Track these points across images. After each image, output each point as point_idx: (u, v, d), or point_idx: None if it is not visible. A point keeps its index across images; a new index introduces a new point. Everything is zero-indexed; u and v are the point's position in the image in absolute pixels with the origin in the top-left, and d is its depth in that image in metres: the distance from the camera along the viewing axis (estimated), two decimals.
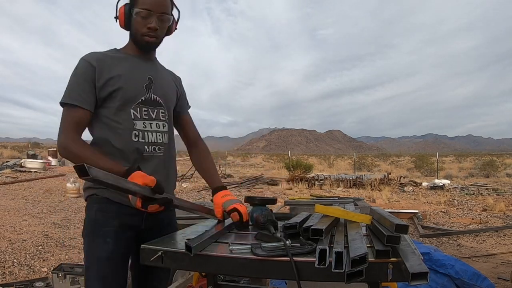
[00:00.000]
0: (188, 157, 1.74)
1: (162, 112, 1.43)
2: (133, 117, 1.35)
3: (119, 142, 1.33)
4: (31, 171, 14.68)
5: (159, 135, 1.40)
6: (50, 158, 19.25)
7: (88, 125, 1.36)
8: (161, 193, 1.23)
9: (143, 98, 1.37)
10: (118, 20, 1.39)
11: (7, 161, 18.42)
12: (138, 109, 1.36)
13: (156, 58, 1.52)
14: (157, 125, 1.40)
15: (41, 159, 18.68)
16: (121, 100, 1.33)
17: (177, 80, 1.60)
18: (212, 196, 1.49)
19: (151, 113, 1.39)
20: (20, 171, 14.65)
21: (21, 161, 16.76)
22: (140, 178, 1.19)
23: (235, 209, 1.36)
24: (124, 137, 1.33)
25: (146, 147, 1.36)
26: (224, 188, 1.49)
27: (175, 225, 1.55)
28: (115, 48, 1.44)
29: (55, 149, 20.44)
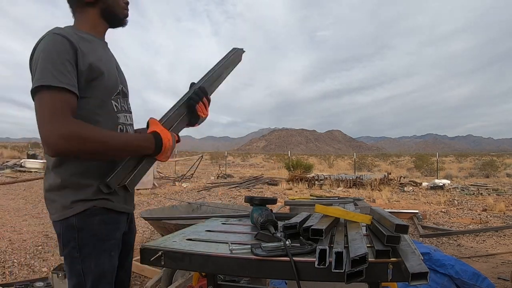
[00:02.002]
0: (188, 157, 1.72)
1: (128, 103, 1.32)
2: (115, 110, 1.21)
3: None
4: (31, 171, 14.69)
5: (132, 128, 1.31)
6: None
7: None
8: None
9: (119, 89, 1.24)
10: None
11: (7, 161, 18.43)
12: (118, 100, 1.23)
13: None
14: (130, 117, 1.31)
15: (41, 159, 18.66)
16: (102, 90, 1.16)
17: None
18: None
19: (124, 105, 1.28)
20: (20, 171, 14.66)
21: (21, 161, 16.77)
22: (161, 128, 1.16)
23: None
24: (107, 127, 1.18)
25: None
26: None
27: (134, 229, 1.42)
28: (74, 27, 1.21)
29: None
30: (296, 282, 0.98)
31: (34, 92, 1.03)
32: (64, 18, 1.26)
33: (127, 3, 1.27)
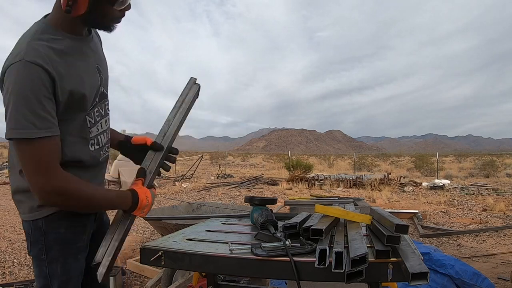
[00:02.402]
0: (188, 157, 1.72)
1: (107, 103, 1.25)
2: (89, 125, 1.16)
3: (80, 156, 1.13)
4: None
5: (107, 133, 1.27)
6: None
7: None
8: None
9: (97, 99, 1.18)
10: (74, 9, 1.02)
11: (7, 161, 18.41)
12: (92, 113, 1.17)
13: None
14: (106, 121, 1.25)
15: None
16: (79, 110, 1.11)
17: (101, 44, 1.31)
18: (128, 142, 1.37)
19: (101, 110, 1.21)
20: None
21: None
22: (141, 189, 1.18)
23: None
24: (83, 150, 1.14)
25: (101, 152, 1.23)
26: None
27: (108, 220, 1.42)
28: (48, 26, 1.06)
29: None
30: (296, 282, 0.98)
31: (11, 139, 0.97)
32: None
33: (123, 16, 1.13)
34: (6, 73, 0.97)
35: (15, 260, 3.92)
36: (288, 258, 1.00)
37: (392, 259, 0.97)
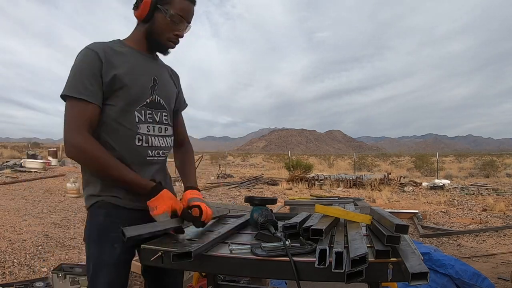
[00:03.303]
0: None
1: (165, 115, 1.38)
2: (137, 120, 1.28)
3: (121, 146, 1.27)
4: (31, 171, 14.68)
5: (163, 139, 1.37)
6: (50, 158, 19.24)
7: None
8: (189, 219, 1.27)
9: (148, 100, 1.31)
10: (137, 10, 1.30)
11: (7, 161, 18.42)
12: (142, 111, 1.30)
13: (157, 55, 1.46)
14: (160, 129, 1.36)
15: (41, 159, 18.67)
16: (125, 100, 1.26)
17: (176, 79, 1.54)
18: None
19: (155, 116, 1.34)
20: (20, 171, 14.64)
21: (21, 161, 16.75)
22: (168, 200, 1.22)
23: (197, 206, 1.29)
24: (127, 141, 1.27)
25: (149, 151, 1.32)
26: (197, 188, 1.44)
27: None
28: (119, 40, 1.36)
29: (55, 149, 20.42)
30: (296, 282, 0.98)
31: (63, 98, 1.22)
32: (65, 18, 1.22)
33: (178, 36, 1.33)
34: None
35: (15, 260, 3.92)
36: (288, 258, 1.00)
37: (392, 259, 0.97)
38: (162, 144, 1.36)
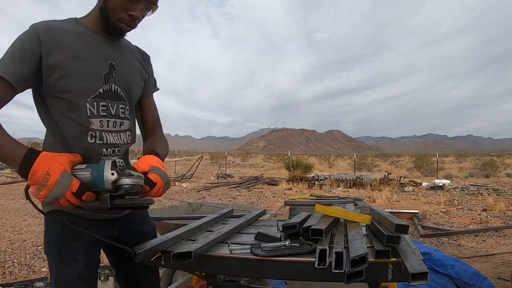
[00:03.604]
0: (188, 157, 1.68)
1: (122, 107, 1.20)
2: (89, 114, 1.12)
3: (73, 144, 1.11)
4: None
5: (117, 136, 1.19)
6: None
7: (42, 118, 1.16)
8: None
9: (100, 90, 1.13)
10: None
11: None
12: (95, 103, 1.12)
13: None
14: (115, 123, 1.18)
15: None
16: (72, 90, 1.09)
17: (144, 61, 1.33)
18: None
19: (110, 108, 1.16)
20: None
21: None
22: (57, 157, 0.94)
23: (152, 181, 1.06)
24: (79, 138, 1.12)
25: (104, 149, 1.15)
26: (160, 157, 1.19)
27: (149, 220, 1.36)
28: (75, 19, 1.17)
29: None
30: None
31: None
32: (64, 18, 1.24)
33: (132, 17, 1.12)
34: None
35: (15, 260, 3.92)
36: (288, 258, 1.00)
37: (392, 259, 0.97)
38: (117, 140, 1.19)
